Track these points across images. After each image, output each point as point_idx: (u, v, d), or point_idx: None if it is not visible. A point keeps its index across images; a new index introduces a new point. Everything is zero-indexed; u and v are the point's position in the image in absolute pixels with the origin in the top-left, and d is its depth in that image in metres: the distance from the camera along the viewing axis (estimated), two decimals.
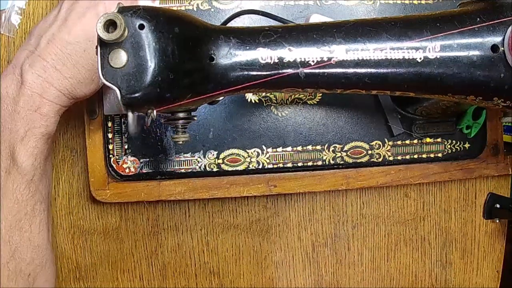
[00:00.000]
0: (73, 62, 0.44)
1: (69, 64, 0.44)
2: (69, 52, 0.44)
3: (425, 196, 0.65)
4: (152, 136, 0.56)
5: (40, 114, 0.44)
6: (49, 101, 0.44)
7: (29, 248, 0.46)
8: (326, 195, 0.63)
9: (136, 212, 0.60)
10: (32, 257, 0.46)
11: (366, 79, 0.40)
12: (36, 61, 0.44)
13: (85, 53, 0.45)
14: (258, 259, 0.63)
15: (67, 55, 0.44)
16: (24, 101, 0.43)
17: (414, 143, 0.60)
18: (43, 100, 0.44)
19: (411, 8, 0.60)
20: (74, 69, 0.45)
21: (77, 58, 0.44)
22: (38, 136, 0.44)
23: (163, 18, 0.36)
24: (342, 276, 0.65)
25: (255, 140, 0.58)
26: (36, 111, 0.44)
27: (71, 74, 0.45)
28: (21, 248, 0.45)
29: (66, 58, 0.44)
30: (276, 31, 0.40)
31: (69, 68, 0.44)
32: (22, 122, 0.44)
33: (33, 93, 0.43)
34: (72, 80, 0.45)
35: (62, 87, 0.45)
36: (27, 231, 0.46)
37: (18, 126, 0.44)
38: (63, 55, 0.44)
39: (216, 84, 0.39)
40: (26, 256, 0.46)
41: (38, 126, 0.44)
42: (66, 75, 0.44)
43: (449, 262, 0.67)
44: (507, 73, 0.38)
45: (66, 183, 0.59)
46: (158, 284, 0.62)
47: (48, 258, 0.48)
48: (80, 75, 0.45)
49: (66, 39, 0.44)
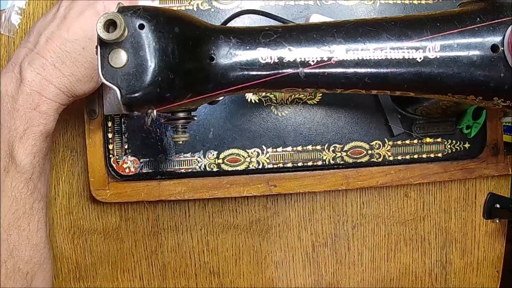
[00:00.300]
0: (72, 60, 0.44)
1: (68, 62, 0.44)
2: (68, 50, 0.44)
3: (425, 196, 0.65)
4: (152, 136, 0.56)
5: (39, 112, 0.44)
6: (48, 99, 0.44)
7: (27, 246, 0.46)
8: (326, 195, 0.63)
9: (136, 212, 0.60)
10: (30, 256, 0.46)
11: (366, 79, 0.40)
12: (35, 59, 0.44)
13: (84, 51, 0.44)
14: (258, 259, 0.63)
15: (66, 53, 0.44)
16: (23, 99, 0.43)
17: (414, 143, 0.60)
18: (42, 98, 0.44)
19: (411, 8, 0.60)
20: (73, 67, 0.45)
21: (76, 56, 0.44)
22: (37, 134, 0.44)
23: (163, 18, 0.36)
24: (342, 276, 0.65)
25: (255, 140, 0.58)
26: (35, 109, 0.44)
27: (70, 72, 0.45)
28: (19, 247, 0.45)
29: (65, 56, 0.44)
30: (276, 31, 0.40)
31: (68, 66, 0.44)
32: (21, 120, 0.44)
33: (32, 91, 0.43)
34: (71, 78, 0.45)
35: (61, 85, 0.45)
36: (25, 230, 0.45)
37: (17, 124, 0.44)
38: (62, 53, 0.44)
39: (216, 84, 0.39)
40: (24, 255, 0.46)
41: (37, 124, 0.44)
42: (65, 73, 0.44)
43: (449, 262, 0.67)
44: (507, 73, 0.38)
45: (66, 183, 0.59)
46: (158, 284, 0.62)
47: (46, 256, 0.48)
48: (79, 73, 0.45)
49: (65, 37, 0.44)
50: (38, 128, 0.44)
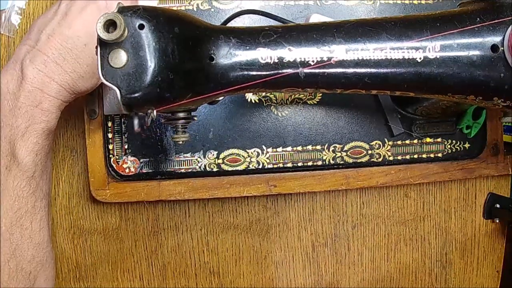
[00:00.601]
0: (74, 57, 0.44)
1: (70, 58, 0.44)
2: (70, 46, 0.44)
3: (425, 196, 0.65)
4: (152, 136, 0.56)
5: (41, 110, 0.44)
6: (50, 96, 0.44)
7: (30, 245, 0.45)
8: (326, 195, 0.63)
9: (136, 212, 0.60)
10: (33, 255, 0.46)
11: (366, 79, 0.40)
12: (37, 56, 0.44)
13: (85, 47, 0.44)
14: (258, 259, 0.63)
15: (68, 49, 0.44)
16: (24, 96, 0.43)
17: (414, 143, 0.60)
18: (44, 95, 0.44)
19: (411, 8, 0.60)
20: (75, 63, 0.44)
21: (78, 53, 0.44)
22: (39, 132, 0.44)
23: (163, 18, 0.36)
24: (342, 276, 0.65)
25: (255, 140, 0.58)
26: (37, 107, 0.44)
27: (72, 68, 0.44)
28: (22, 246, 0.45)
29: (66, 53, 0.44)
30: (276, 31, 0.40)
31: (70, 63, 0.44)
32: (23, 118, 0.43)
33: (34, 88, 0.43)
34: (73, 74, 0.44)
35: (63, 82, 0.44)
36: (28, 229, 0.45)
37: (19, 122, 0.43)
38: (64, 49, 0.44)
39: (216, 84, 0.39)
40: (27, 254, 0.45)
41: (39, 121, 0.44)
42: (67, 70, 0.44)
43: (449, 262, 0.67)
44: (507, 73, 0.38)
45: (66, 183, 0.59)
46: (158, 284, 0.62)
47: (49, 255, 0.48)
48: (81, 69, 0.45)
49: (67, 33, 0.44)
50: (40, 125, 0.44)
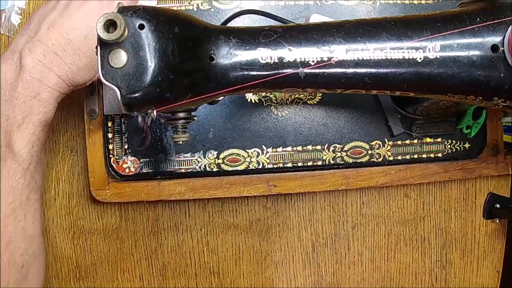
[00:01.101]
0: (74, 48, 0.44)
1: (69, 50, 0.43)
2: (70, 37, 0.43)
3: (425, 196, 0.65)
4: (152, 136, 0.56)
5: (39, 101, 0.43)
6: (49, 87, 0.43)
7: (23, 238, 0.45)
8: (326, 195, 0.63)
9: (136, 212, 0.60)
10: (26, 248, 0.45)
11: (366, 79, 0.40)
12: (36, 46, 0.43)
13: (86, 39, 0.44)
14: (258, 259, 0.63)
15: (68, 40, 0.43)
16: (22, 86, 0.42)
17: (414, 143, 0.60)
18: (43, 86, 0.43)
19: (411, 8, 0.60)
20: (74, 55, 0.44)
21: (78, 44, 0.44)
22: (36, 123, 0.43)
23: (163, 18, 0.36)
24: (342, 276, 0.65)
25: (255, 140, 0.58)
26: (35, 97, 0.43)
27: (71, 60, 0.44)
28: (15, 238, 0.44)
29: (66, 44, 0.43)
30: (276, 31, 0.40)
31: (70, 54, 0.44)
32: (20, 108, 0.43)
33: (32, 79, 0.42)
34: (72, 66, 0.44)
35: (62, 73, 0.44)
36: (21, 221, 0.44)
37: (16, 112, 0.42)
38: (64, 40, 0.43)
39: (216, 84, 0.39)
40: (20, 247, 0.44)
41: (37, 112, 0.43)
42: (67, 61, 0.44)
43: (449, 262, 0.67)
44: (507, 73, 0.38)
45: (66, 183, 0.59)
46: (158, 284, 0.62)
47: (41, 248, 0.47)
48: (80, 61, 0.44)
49: (68, 24, 0.43)
50: (37, 116, 0.43)
